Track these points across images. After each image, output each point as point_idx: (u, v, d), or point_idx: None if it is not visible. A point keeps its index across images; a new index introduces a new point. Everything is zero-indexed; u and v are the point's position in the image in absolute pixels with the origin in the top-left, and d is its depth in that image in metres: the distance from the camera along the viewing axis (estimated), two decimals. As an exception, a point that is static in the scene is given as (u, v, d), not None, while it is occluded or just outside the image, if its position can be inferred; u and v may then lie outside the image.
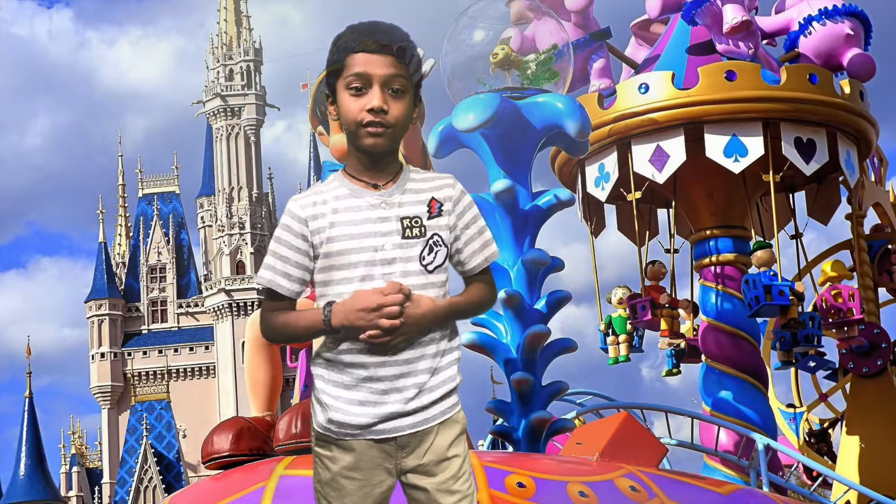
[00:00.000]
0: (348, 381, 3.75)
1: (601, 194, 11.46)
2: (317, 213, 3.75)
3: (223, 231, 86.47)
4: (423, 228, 3.75)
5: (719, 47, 11.16)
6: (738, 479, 10.73)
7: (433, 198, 3.80)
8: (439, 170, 5.35)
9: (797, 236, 12.20)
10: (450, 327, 3.82)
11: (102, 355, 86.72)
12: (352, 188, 3.78)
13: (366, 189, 3.77)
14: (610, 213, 12.44)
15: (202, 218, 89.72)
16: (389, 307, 3.64)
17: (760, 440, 10.51)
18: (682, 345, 11.99)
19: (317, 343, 3.90)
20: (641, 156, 11.07)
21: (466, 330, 8.44)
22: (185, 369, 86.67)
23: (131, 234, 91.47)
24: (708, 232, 11.76)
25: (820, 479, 11.74)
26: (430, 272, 3.76)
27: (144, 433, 79.19)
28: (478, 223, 3.86)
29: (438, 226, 3.78)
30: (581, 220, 12.17)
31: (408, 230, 3.74)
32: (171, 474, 78.71)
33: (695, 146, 10.94)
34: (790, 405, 13.74)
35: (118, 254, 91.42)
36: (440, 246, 3.77)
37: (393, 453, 3.76)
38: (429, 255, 3.75)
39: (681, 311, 11.93)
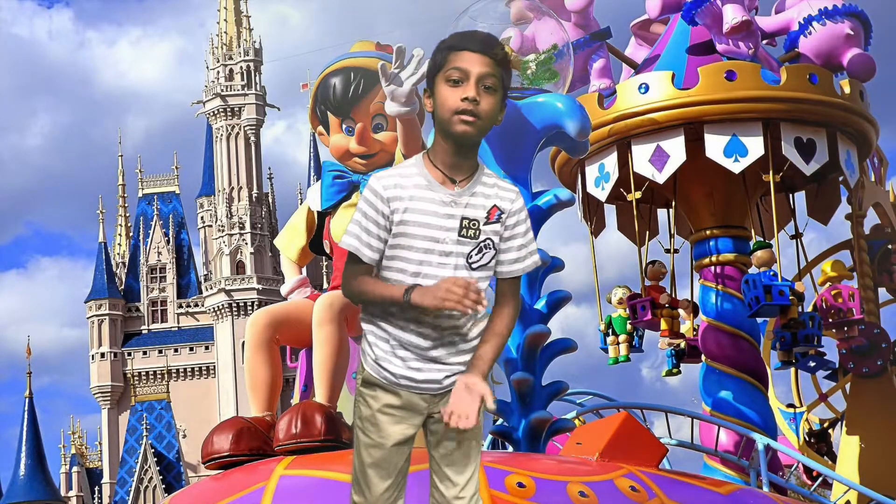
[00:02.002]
0: (394, 344, 4.27)
1: (601, 194, 11.46)
2: (397, 196, 4.21)
3: (223, 231, 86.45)
4: (478, 231, 4.24)
5: (719, 47, 11.16)
6: (738, 479, 10.73)
7: (495, 205, 4.28)
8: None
9: (797, 236, 12.20)
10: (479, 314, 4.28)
11: (102, 355, 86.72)
12: (430, 180, 4.24)
13: (443, 185, 4.23)
14: (610, 213, 12.44)
15: (202, 218, 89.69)
16: (458, 295, 4.07)
17: (760, 440, 10.51)
18: (682, 345, 11.98)
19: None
20: (641, 156, 11.07)
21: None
22: (185, 369, 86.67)
23: (131, 234, 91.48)
24: (708, 232, 11.76)
25: (820, 479, 11.73)
26: (474, 269, 4.24)
27: (144, 433, 79.22)
28: (521, 239, 4.35)
29: (492, 231, 4.27)
30: (581, 220, 12.17)
31: (464, 230, 4.22)
32: (171, 474, 78.74)
33: (695, 146, 10.94)
34: (790, 405, 13.73)
35: (118, 254, 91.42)
36: (489, 249, 4.27)
37: (429, 400, 4.31)
38: (476, 254, 4.24)
39: (681, 311, 11.92)
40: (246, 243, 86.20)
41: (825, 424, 13.74)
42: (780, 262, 10.91)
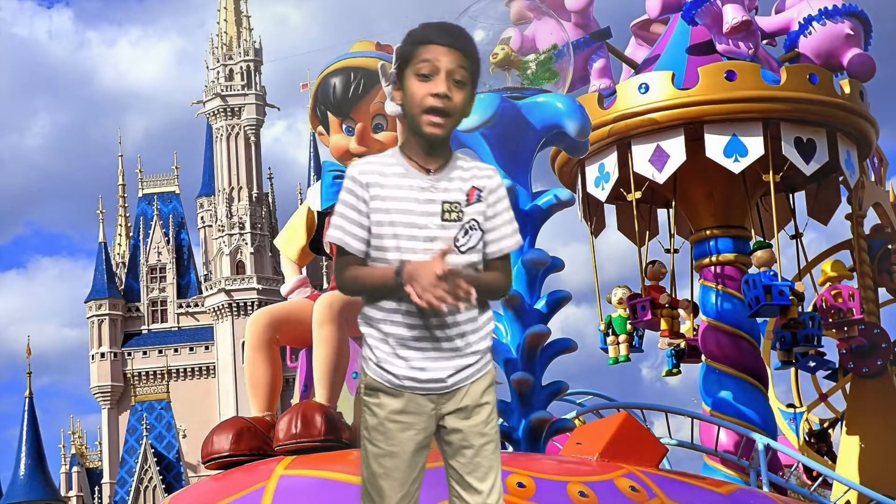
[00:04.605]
0: (393, 344, 4.19)
1: (601, 194, 11.46)
2: (376, 182, 4.18)
3: (223, 231, 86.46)
4: (461, 213, 4.18)
5: (719, 47, 11.16)
6: (738, 479, 10.73)
7: (473, 186, 4.22)
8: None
9: (797, 236, 12.20)
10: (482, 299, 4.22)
11: (102, 355, 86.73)
12: (407, 168, 4.20)
13: (418, 171, 4.19)
14: (610, 213, 12.44)
15: (202, 218, 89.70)
16: (446, 289, 4.02)
17: (760, 440, 10.51)
18: (682, 345, 11.98)
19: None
20: (641, 156, 11.07)
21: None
22: (185, 369, 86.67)
23: (131, 234, 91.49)
24: (708, 232, 11.76)
25: (820, 479, 11.73)
26: (463, 252, 4.18)
27: (144, 433, 79.22)
28: (505, 215, 4.28)
29: (475, 211, 4.21)
30: (581, 220, 12.17)
31: (446, 213, 4.17)
32: (171, 474, 78.74)
33: (695, 146, 10.94)
34: (790, 405, 13.73)
35: (118, 254, 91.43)
36: (475, 230, 4.21)
37: (436, 400, 4.20)
38: (463, 237, 4.19)
39: (681, 311, 11.92)
40: (246, 243, 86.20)
41: (825, 424, 13.73)
42: (780, 262, 10.92)
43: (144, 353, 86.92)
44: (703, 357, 11.77)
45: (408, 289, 4.03)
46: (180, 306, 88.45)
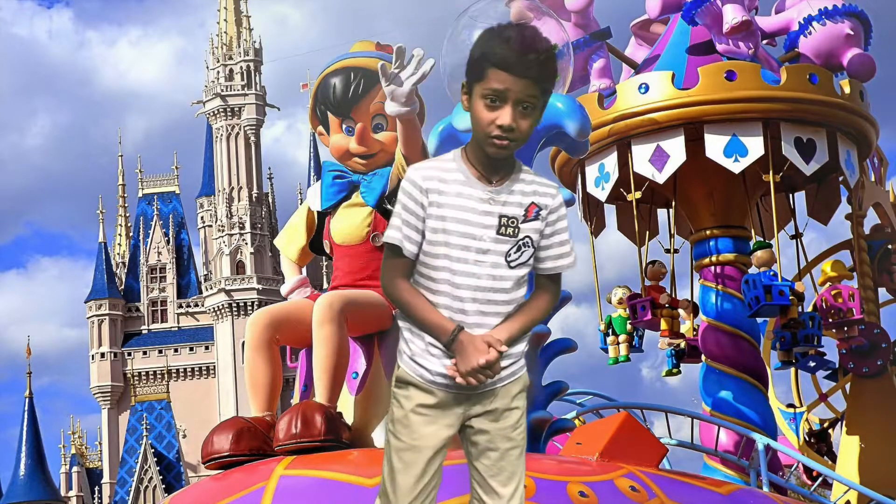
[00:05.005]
0: (429, 339, 4.14)
1: (601, 194, 11.46)
2: (436, 188, 4.13)
3: (223, 231, 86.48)
4: (517, 229, 4.15)
5: (719, 47, 11.16)
6: (738, 479, 10.73)
7: (533, 202, 4.17)
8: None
9: (797, 236, 12.20)
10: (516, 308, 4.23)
11: (102, 355, 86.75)
12: (468, 176, 4.15)
13: (479, 181, 4.14)
14: (610, 213, 12.44)
15: (202, 218, 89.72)
16: (491, 368, 4.04)
17: (760, 440, 10.51)
18: (682, 345, 11.98)
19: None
20: (641, 156, 11.07)
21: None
22: (185, 369, 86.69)
23: (131, 234, 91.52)
24: (708, 232, 11.76)
25: (820, 479, 11.74)
26: (513, 268, 4.17)
27: (144, 433, 79.24)
28: (563, 234, 4.26)
29: (531, 228, 4.18)
30: (581, 220, 12.17)
31: (503, 228, 4.14)
32: (171, 474, 78.76)
33: (695, 146, 10.95)
34: (790, 405, 13.74)
35: (118, 254, 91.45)
36: (528, 247, 4.19)
37: (465, 400, 4.16)
38: (515, 253, 4.17)
39: (681, 311, 11.92)
40: (246, 243, 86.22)
41: (825, 424, 13.74)
42: (780, 262, 10.92)
43: (144, 353, 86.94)
44: (703, 357, 11.77)
45: (451, 362, 4.05)
46: (180, 306, 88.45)
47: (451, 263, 4.10)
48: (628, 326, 11.66)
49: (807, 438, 13.46)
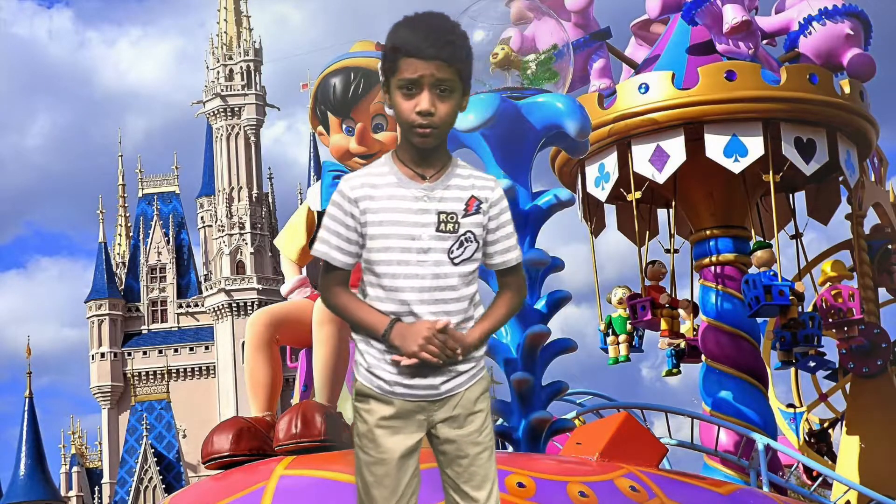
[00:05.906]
0: (383, 349, 4.09)
1: (601, 194, 11.46)
2: (366, 195, 4.06)
3: (223, 231, 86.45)
4: (456, 225, 4.07)
5: (719, 47, 11.16)
6: (738, 479, 10.73)
7: (473, 196, 4.10)
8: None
9: (797, 236, 12.20)
10: (475, 311, 4.15)
11: (102, 355, 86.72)
12: (400, 177, 4.08)
13: (413, 180, 4.08)
14: (610, 213, 12.44)
15: (202, 218, 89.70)
16: (437, 346, 3.99)
17: (760, 440, 10.51)
18: (682, 345, 11.99)
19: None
20: (641, 156, 11.08)
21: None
22: (185, 369, 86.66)
23: (131, 234, 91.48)
24: (708, 232, 11.77)
25: (820, 479, 11.74)
26: (456, 265, 4.07)
27: (144, 433, 79.22)
28: (508, 227, 4.16)
29: (473, 223, 4.09)
30: (581, 220, 12.17)
31: (442, 224, 4.06)
32: (171, 474, 78.74)
33: (695, 146, 10.95)
34: (790, 405, 13.74)
35: (118, 254, 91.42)
36: (470, 242, 4.08)
37: (427, 407, 4.11)
38: (458, 249, 4.07)
39: (681, 311, 11.93)
40: (246, 243, 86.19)
41: (825, 424, 13.74)
42: (780, 262, 10.92)
43: (144, 353, 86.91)
44: (703, 357, 11.77)
45: (395, 342, 3.99)
46: (180, 306, 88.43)
47: (394, 267, 4.04)
48: (628, 326, 11.67)
49: (807, 438, 13.47)
